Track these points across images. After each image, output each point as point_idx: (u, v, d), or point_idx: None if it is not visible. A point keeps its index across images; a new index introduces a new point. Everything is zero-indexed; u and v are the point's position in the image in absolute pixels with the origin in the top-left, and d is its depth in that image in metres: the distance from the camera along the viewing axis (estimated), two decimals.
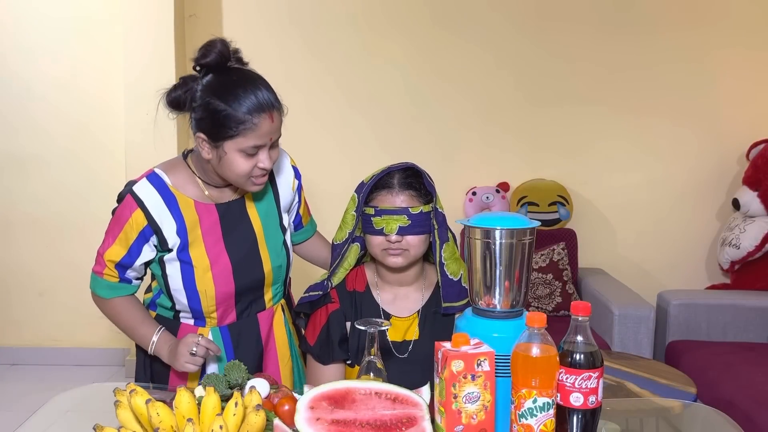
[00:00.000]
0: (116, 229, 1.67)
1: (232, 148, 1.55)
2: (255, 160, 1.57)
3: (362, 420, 1.20)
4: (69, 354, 3.90)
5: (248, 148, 1.55)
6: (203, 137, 1.58)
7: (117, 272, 1.71)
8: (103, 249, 1.70)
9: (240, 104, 1.52)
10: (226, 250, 1.70)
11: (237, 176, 1.59)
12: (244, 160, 1.56)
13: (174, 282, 1.69)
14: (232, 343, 1.75)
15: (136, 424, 1.19)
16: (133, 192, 1.64)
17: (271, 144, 1.59)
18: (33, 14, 3.75)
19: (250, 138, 1.54)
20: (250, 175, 1.59)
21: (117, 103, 3.67)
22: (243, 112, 1.52)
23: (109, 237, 1.69)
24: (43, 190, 3.85)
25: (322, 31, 3.68)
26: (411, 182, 1.66)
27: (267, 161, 1.59)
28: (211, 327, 1.74)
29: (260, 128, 1.54)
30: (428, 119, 3.73)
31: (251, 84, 1.55)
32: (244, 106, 1.52)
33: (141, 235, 1.65)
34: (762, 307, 3.19)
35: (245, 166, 1.57)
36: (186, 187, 1.68)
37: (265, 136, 1.56)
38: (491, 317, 1.32)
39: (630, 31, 3.64)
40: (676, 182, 3.73)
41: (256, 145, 1.55)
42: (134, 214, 1.63)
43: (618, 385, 2.23)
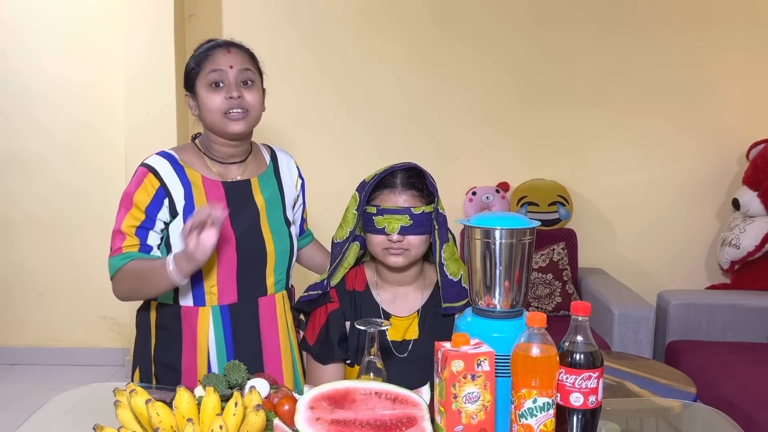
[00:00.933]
0: (129, 198, 1.71)
1: (201, 86, 1.71)
2: (223, 93, 1.69)
3: (362, 420, 1.20)
4: (69, 354, 3.90)
5: (211, 74, 1.68)
6: (188, 95, 1.76)
7: (138, 239, 1.70)
8: (118, 223, 1.71)
9: (199, 48, 1.75)
10: (231, 226, 1.72)
11: (213, 113, 1.70)
12: (213, 94, 1.69)
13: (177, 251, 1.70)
14: (231, 325, 1.75)
15: (136, 424, 1.19)
16: (144, 163, 1.74)
17: (239, 78, 1.70)
18: (33, 13, 3.75)
19: (208, 67, 1.69)
20: (222, 109, 1.69)
21: (117, 102, 3.67)
22: (202, 51, 1.73)
23: (122, 209, 1.72)
24: (44, 190, 3.85)
25: (322, 32, 3.69)
26: (414, 182, 1.67)
27: (235, 90, 1.68)
28: (211, 305, 1.73)
29: (216, 56, 1.70)
30: (428, 119, 3.73)
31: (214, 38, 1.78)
32: (203, 46, 1.75)
33: (156, 196, 1.70)
34: (762, 307, 3.19)
35: (216, 100, 1.69)
36: (194, 164, 1.76)
37: (223, 62, 1.69)
38: (491, 317, 1.32)
39: (630, 32, 3.65)
40: (676, 182, 3.73)
41: (215, 69, 1.68)
42: (146, 179, 1.70)
43: (618, 385, 2.23)
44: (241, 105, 1.69)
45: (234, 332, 1.75)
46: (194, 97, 1.74)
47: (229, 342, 1.74)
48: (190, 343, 1.74)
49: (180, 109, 3.58)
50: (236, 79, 1.70)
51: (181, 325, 1.74)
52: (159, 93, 3.53)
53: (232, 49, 1.72)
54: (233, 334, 1.75)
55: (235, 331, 1.75)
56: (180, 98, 3.59)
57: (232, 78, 1.69)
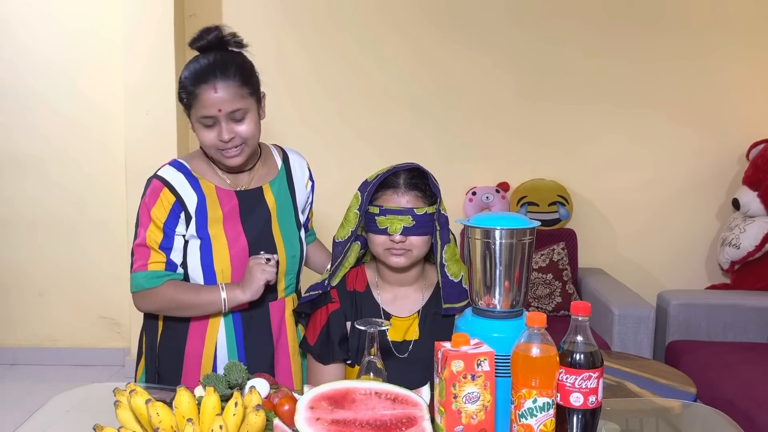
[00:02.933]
0: (147, 214, 1.69)
1: (194, 120, 1.65)
2: (215, 132, 1.63)
3: (362, 420, 1.20)
4: (69, 354, 3.90)
5: (201, 119, 1.62)
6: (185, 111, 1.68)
7: (164, 254, 1.70)
8: (141, 238, 1.70)
9: (188, 77, 1.62)
10: (244, 233, 1.73)
11: (207, 148, 1.68)
12: (205, 131, 1.64)
13: (192, 260, 1.71)
14: (243, 331, 1.76)
15: (135, 424, 1.19)
16: (158, 176, 1.71)
17: (231, 117, 1.62)
18: (32, 13, 3.75)
19: (198, 108, 1.61)
20: (217, 147, 1.65)
21: (117, 103, 3.67)
22: (189, 85, 1.61)
23: (142, 224, 1.70)
24: (43, 190, 3.85)
25: (322, 32, 3.69)
26: (416, 183, 1.66)
27: (225, 133, 1.62)
28: (222, 314, 1.74)
29: (203, 97, 1.60)
30: (428, 119, 3.73)
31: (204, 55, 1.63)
32: (189, 78, 1.61)
33: (172, 212, 1.68)
34: (762, 307, 3.19)
35: (208, 137, 1.64)
36: (206, 174, 1.74)
37: (211, 106, 1.60)
38: (491, 317, 1.32)
39: (630, 32, 3.65)
40: (676, 182, 3.73)
41: (205, 116, 1.61)
42: (162, 194, 1.68)
43: (618, 385, 2.23)
44: (234, 143, 1.65)
45: (245, 337, 1.76)
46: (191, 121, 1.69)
47: (240, 346, 1.75)
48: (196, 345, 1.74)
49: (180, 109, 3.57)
50: (227, 119, 1.62)
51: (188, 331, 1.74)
52: (159, 93, 3.53)
53: (218, 84, 1.58)
54: (244, 339, 1.76)
55: (246, 335, 1.76)
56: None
57: (223, 120, 1.61)
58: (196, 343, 1.74)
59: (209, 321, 1.74)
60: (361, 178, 1.73)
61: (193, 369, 1.74)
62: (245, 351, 1.76)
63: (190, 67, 1.63)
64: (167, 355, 1.77)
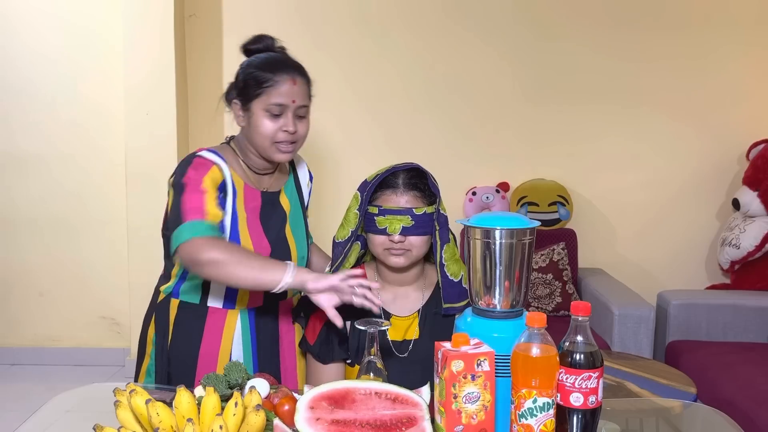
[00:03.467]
0: (198, 183, 1.64)
1: (259, 108, 1.67)
2: (279, 123, 1.67)
3: (362, 420, 1.20)
4: (69, 354, 3.90)
5: (272, 106, 1.65)
6: (237, 103, 1.71)
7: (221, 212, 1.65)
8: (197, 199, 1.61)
9: (266, 65, 1.69)
10: (265, 234, 1.75)
11: (263, 138, 1.68)
12: (269, 121, 1.67)
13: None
14: (256, 328, 1.78)
15: (136, 424, 1.19)
16: (201, 155, 1.70)
17: (296, 112, 1.68)
18: (33, 13, 3.75)
19: (273, 95, 1.65)
20: (275, 139, 1.68)
21: (117, 103, 3.67)
22: (268, 72, 1.67)
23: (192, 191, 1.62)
24: (44, 190, 3.85)
25: (321, 32, 3.69)
26: (416, 183, 1.67)
27: (290, 125, 1.67)
28: (240, 309, 1.76)
29: (282, 86, 1.66)
30: (428, 119, 3.73)
31: (282, 57, 1.75)
32: (268, 66, 1.68)
33: (219, 189, 1.68)
34: (762, 307, 3.19)
35: (270, 127, 1.67)
36: (235, 168, 1.75)
37: (287, 95, 1.66)
38: (491, 317, 1.32)
39: (630, 32, 3.64)
40: (676, 182, 3.73)
41: (279, 103, 1.66)
42: (212, 169, 1.68)
43: (618, 385, 2.23)
44: (292, 138, 1.69)
45: (258, 336, 1.78)
46: (245, 109, 1.70)
47: (254, 344, 1.77)
48: (212, 344, 1.75)
49: (180, 109, 3.58)
50: (294, 113, 1.69)
51: (204, 325, 1.75)
52: (159, 93, 3.53)
53: (297, 80, 1.69)
54: (257, 338, 1.78)
55: (259, 335, 1.79)
56: (180, 98, 3.59)
57: (291, 112, 1.68)
58: (212, 342, 1.75)
59: (226, 319, 1.75)
60: (360, 178, 1.73)
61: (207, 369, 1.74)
62: (257, 350, 1.78)
63: (262, 58, 1.71)
64: (179, 355, 1.77)
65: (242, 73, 1.72)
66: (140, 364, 1.85)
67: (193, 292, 1.76)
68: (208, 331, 1.75)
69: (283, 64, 1.70)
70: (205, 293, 1.75)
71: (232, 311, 1.76)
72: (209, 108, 3.72)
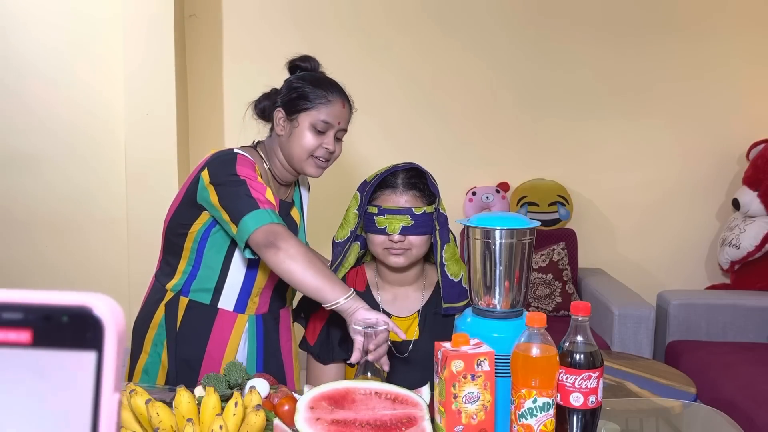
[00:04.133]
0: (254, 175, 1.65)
1: (306, 121, 1.71)
2: (322, 140, 1.71)
3: (362, 420, 1.20)
4: None
5: (319, 122, 1.70)
6: (282, 112, 1.74)
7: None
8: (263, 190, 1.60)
9: (320, 85, 1.75)
10: None
11: (302, 151, 1.71)
12: (313, 135, 1.71)
13: (238, 257, 1.72)
14: (264, 335, 1.80)
15: (136, 424, 1.19)
16: (242, 153, 1.71)
17: (337, 134, 1.74)
18: (33, 12, 3.75)
19: (323, 112, 1.71)
20: (314, 154, 1.71)
21: (117, 102, 3.67)
22: (321, 90, 1.73)
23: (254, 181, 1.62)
24: (44, 189, 3.85)
25: (322, 32, 3.68)
26: (415, 182, 1.67)
27: (331, 144, 1.72)
28: (249, 314, 1.77)
29: (333, 106, 1.72)
30: (428, 119, 3.73)
31: (333, 79, 1.81)
32: (322, 86, 1.75)
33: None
34: (762, 307, 3.19)
35: (313, 142, 1.70)
36: (261, 173, 1.75)
37: (336, 116, 1.72)
38: (491, 317, 1.32)
39: (630, 32, 3.64)
40: (675, 182, 3.73)
41: (327, 121, 1.71)
42: (256, 167, 1.70)
43: (618, 385, 2.23)
44: (327, 157, 1.74)
45: (265, 341, 1.80)
46: (289, 120, 1.73)
47: (260, 349, 1.79)
48: (218, 345, 1.75)
49: (180, 109, 3.58)
50: (335, 134, 1.74)
51: (212, 326, 1.75)
52: (159, 93, 3.53)
53: (345, 102, 1.76)
54: (264, 343, 1.80)
55: (266, 340, 1.80)
56: (180, 98, 3.59)
57: (334, 132, 1.73)
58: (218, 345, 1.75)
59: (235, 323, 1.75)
60: (360, 178, 1.73)
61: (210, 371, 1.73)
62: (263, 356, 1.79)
63: (315, 77, 1.78)
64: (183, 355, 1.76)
65: (293, 85, 1.76)
66: (134, 362, 1.83)
67: (204, 292, 1.75)
68: (215, 333, 1.75)
69: (336, 87, 1.78)
70: (216, 294, 1.74)
71: (241, 315, 1.76)
72: (209, 108, 3.73)
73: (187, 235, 1.72)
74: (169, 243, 1.77)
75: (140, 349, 1.82)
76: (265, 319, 1.81)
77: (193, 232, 1.71)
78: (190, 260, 1.74)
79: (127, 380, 1.80)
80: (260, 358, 1.78)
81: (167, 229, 1.78)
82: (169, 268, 1.79)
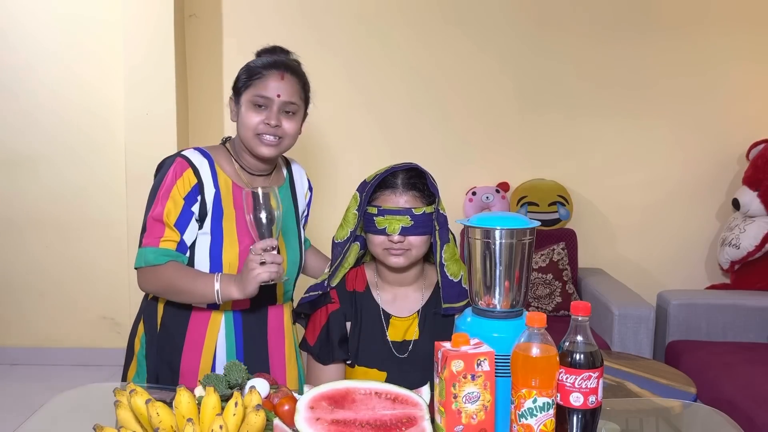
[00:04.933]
0: (167, 189, 1.68)
1: (245, 100, 1.71)
2: (263, 116, 1.69)
3: (362, 420, 1.20)
4: (69, 354, 3.90)
5: (256, 98, 1.69)
6: (231, 99, 1.77)
7: (178, 233, 1.68)
8: (157, 211, 1.68)
9: (260, 60, 1.74)
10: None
11: (246, 130, 1.70)
12: (253, 113, 1.70)
13: (201, 253, 1.71)
14: (243, 332, 1.77)
15: (136, 424, 1.19)
16: (183, 155, 1.73)
17: (283, 107, 1.70)
18: (34, 12, 3.75)
19: (258, 87, 1.69)
20: (257, 131, 1.70)
21: (117, 102, 3.67)
22: (259, 66, 1.72)
23: (160, 199, 1.68)
24: (44, 190, 3.85)
25: (321, 32, 3.68)
26: (414, 183, 1.67)
27: (273, 118, 1.69)
28: (224, 311, 1.75)
29: (268, 80, 1.69)
30: (428, 119, 3.73)
31: (279, 57, 1.78)
32: (261, 61, 1.73)
33: (191, 193, 1.70)
34: (762, 307, 3.19)
35: (254, 119, 1.69)
36: (225, 168, 1.77)
37: (272, 89, 1.69)
38: (491, 317, 1.32)
39: (630, 33, 3.65)
40: (676, 182, 3.73)
41: (263, 95, 1.69)
42: (186, 173, 1.70)
43: (618, 385, 2.23)
44: (276, 132, 1.70)
45: (245, 338, 1.77)
46: (236, 103, 1.74)
47: (239, 347, 1.76)
48: (194, 345, 1.74)
49: (180, 109, 3.58)
50: (279, 108, 1.70)
51: (188, 324, 1.74)
52: (159, 93, 3.53)
53: (286, 75, 1.71)
54: (244, 340, 1.76)
55: (246, 337, 1.77)
56: (180, 98, 3.59)
57: (276, 106, 1.69)
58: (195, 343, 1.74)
59: (210, 320, 1.74)
60: (360, 178, 1.73)
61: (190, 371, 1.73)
62: (243, 351, 1.76)
63: (260, 56, 1.77)
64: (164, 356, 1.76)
65: (240, 70, 1.76)
66: (127, 365, 1.83)
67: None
68: (191, 331, 1.74)
69: (276, 61, 1.73)
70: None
71: (216, 312, 1.74)
72: (209, 108, 3.73)
73: None
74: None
75: (132, 355, 1.82)
76: (246, 316, 1.77)
77: None
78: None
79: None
80: (240, 354, 1.76)
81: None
82: None
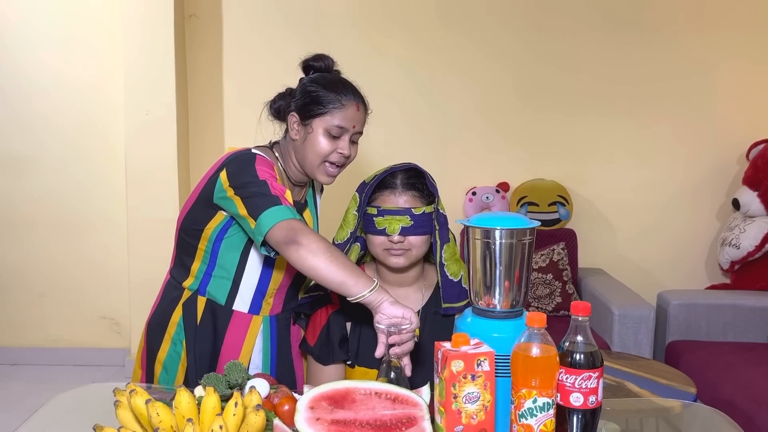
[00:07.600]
0: (274, 176, 1.65)
1: (319, 126, 1.68)
2: (336, 144, 1.69)
3: (362, 420, 1.20)
4: (69, 354, 3.90)
5: (333, 127, 1.68)
6: (296, 117, 1.72)
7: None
8: (283, 190, 1.59)
9: (333, 88, 1.71)
10: None
11: (315, 156, 1.69)
12: (326, 140, 1.69)
13: (253, 258, 1.71)
14: (278, 335, 1.79)
15: (136, 424, 1.19)
16: (260, 154, 1.69)
17: (352, 136, 1.71)
18: (34, 12, 3.75)
19: (337, 117, 1.68)
20: (327, 159, 1.69)
21: (117, 102, 3.67)
22: (335, 94, 1.70)
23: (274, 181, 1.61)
24: (44, 190, 3.85)
25: (322, 32, 3.69)
26: (414, 183, 1.67)
27: (346, 149, 1.70)
28: (264, 315, 1.77)
29: (347, 110, 1.69)
30: (428, 119, 3.73)
31: (347, 80, 1.77)
32: (336, 89, 1.71)
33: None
34: (762, 307, 3.19)
35: (326, 147, 1.69)
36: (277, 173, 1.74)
37: (350, 120, 1.69)
38: (491, 317, 1.32)
39: (630, 32, 3.65)
40: (676, 182, 3.73)
41: (341, 126, 1.68)
42: (275, 167, 1.70)
43: (618, 385, 2.23)
44: (341, 161, 1.72)
45: (278, 343, 1.80)
46: (303, 124, 1.70)
47: (273, 351, 1.78)
48: (232, 348, 1.75)
49: (180, 109, 3.58)
50: (351, 137, 1.71)
51: (227, 327, 1.75)
52: (159, 93, 3.53)
53: (360, 105, 1.72)
54: (278, 343, 1.80)
55: (279, 342, 1.80)
56: (180, 98, 3.59)
57: (349, 136, 1.70)
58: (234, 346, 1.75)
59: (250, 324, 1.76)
60: (360, 178, 1.73)
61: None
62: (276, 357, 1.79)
63: (328, 79, 1.74)
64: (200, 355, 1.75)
65: (307, 89, 1.73)
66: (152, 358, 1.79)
67: (219, 293, 1.74)
68: (230, 335, 1.74)
69: (350, 89, 1.73)
70: (231, 296, 1.74)
71: (256, 317, 1.76)
72: (209, 108, 3.73)
73: (201, 235, 1.71)
74: (182, 242, 1.76)
75: (158, 346, 1.79)
76: (278, 320, 1.80)
77: (207, 231, 1.70)
78: (204, 260, 1.73)
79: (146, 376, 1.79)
80: (273, 360, 1.78)
81: (180, 228, 1.76)
82: (183, 267, 1.78)
